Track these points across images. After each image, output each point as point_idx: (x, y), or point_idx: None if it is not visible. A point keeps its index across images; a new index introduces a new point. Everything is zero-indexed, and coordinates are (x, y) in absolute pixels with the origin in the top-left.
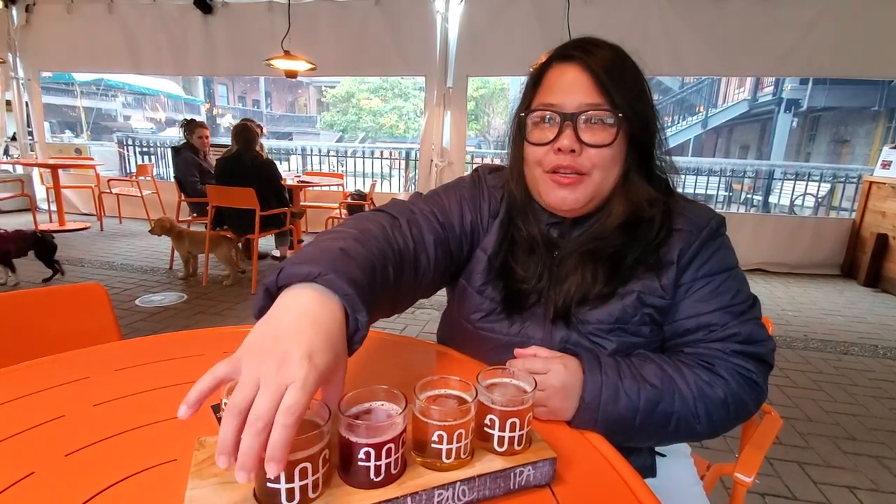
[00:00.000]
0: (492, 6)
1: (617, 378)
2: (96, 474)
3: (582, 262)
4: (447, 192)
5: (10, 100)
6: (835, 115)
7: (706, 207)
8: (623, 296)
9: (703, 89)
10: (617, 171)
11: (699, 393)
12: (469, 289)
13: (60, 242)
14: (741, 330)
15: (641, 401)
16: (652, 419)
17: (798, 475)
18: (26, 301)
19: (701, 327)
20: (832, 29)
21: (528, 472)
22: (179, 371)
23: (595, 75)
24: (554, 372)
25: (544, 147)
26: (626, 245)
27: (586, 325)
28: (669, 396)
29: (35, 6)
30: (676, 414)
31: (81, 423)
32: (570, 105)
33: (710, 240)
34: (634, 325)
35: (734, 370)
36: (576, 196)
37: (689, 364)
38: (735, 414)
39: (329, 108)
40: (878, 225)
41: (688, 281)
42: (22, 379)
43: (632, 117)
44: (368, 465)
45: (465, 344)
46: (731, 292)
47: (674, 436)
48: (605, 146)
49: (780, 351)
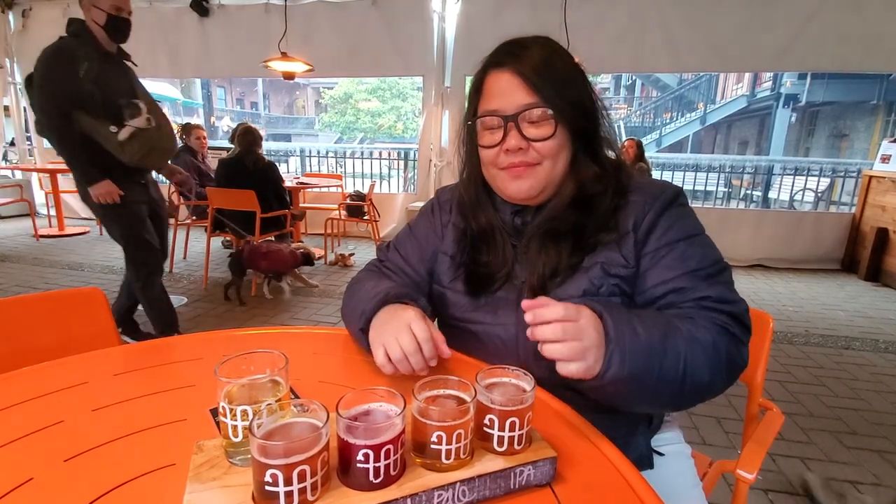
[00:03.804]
0: (489, 5)
1: (631, 318)
2: (95, 479)
3: (544, 241)
4: (404, 240)
5: (9, 105)
6: (833, 109)
7: (664, 182)
8: (588, 269)
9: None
10: (564, 157)
11: (691, 336)
12: (441, 290)
13: (60, 247)
14: (711, 293)
15: (655, 336)
16: (666, 360)
17: (800, 470)
18: (25, 307)
19: (670, 292)
20: (830, 23)
21: (528, 472)
22: (178, 375)
23: (525, 77)
24: (587, 320)
25: (494, 149)
26: (581, 219)
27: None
28: (672, 335)
29: (31, 11)
30: (683, 355)
31: (80, 428)
32: (510, 108)
33: (667, 209)
34: (603, 296)
35: (713, 322)
36: (529, 184)
37: (673, 315)
38: (727, 363)
39: (327, 109)
40: (878, 219)
41: (651, 250)
42: (21, 384)
43: (566, 108)
44: (367, 466)
45: (456, 343)
46: (697, 257)
47: (687, 385)
48: (549, 138)
49: (781, 346)
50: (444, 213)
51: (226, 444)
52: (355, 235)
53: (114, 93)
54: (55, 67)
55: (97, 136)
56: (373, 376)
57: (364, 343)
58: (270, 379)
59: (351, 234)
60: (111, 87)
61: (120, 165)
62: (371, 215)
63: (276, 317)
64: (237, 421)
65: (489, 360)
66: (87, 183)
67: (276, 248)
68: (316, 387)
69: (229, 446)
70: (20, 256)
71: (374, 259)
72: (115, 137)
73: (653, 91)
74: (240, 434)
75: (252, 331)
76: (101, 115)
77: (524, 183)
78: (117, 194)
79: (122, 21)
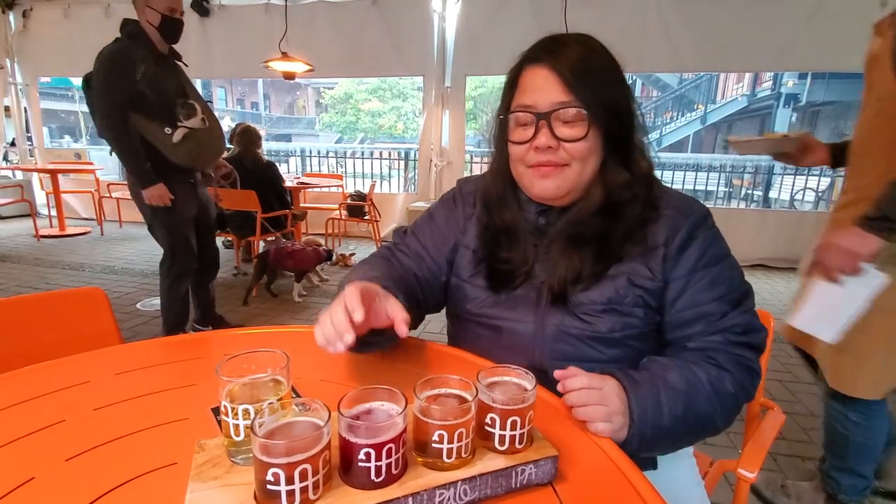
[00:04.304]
0: (489, 5)
1: (655, 391)
2: (97, 478)
3: (567, 246)
4: (423, 225)
5: (9, 105)
6: (834, 108)
7: (692, 198)
8: (614, 277)
9: (701, 85)
10: (594, 160)
11: (713, 390)
12: (460, 283)
13: (61, 248)
14: (740, 321)
15: (679, 408)
16: (687, 424)
17: (801, 470)
18: (26, 307)
19: (701, 317)
20: (831, 23)
21: (529, 471)
22: (180, 374)
23: (561, 75)
24: (610, 387)
25: (525, 145)
26: (608, 226)
27: (579, 305)
28: (695, 400)
29: (32, 11)
30: (703, 414)
31: (82, 427)
32: (543, 105)
33: (699, 229)
34: (627, 307)
35: (736, 361)
36: (557, 184)
37: (696, 362)
38: (742, 401)
39: (328, 109)
40: None
41: (684, 273)
42: (22, 384)
43: (600, 110)
44: (369, 465)
45: (466, 336)
46: (727, 282)
47: (701, 435)
48: (580, 140)
49: (782, 346)
50: (466, 206)
51: (227, 444)
52: (356, 235)
53: (167, 94)
54: (114, 69)
55: (150, 137)
56: (374, 375)
57: None
58: (272, 378)
59: (352, 234)
60: (165, 88)
61: (171, 166)
62: (372, 215)
63: (276, 316)
64: (239, 420)
65: (503, 356)
66: (141, 185)
67: (299, 248)
68: (317, 386)
69: (231, 445)
70: (21, 257)
71: (387, 243)
72: (168, 139)
73: (653, 91)
74: (241, 433)
75: (253, 330)
76: (155, 116)
77: (551, 183)
78: (168, 198)
79: (175, 21)
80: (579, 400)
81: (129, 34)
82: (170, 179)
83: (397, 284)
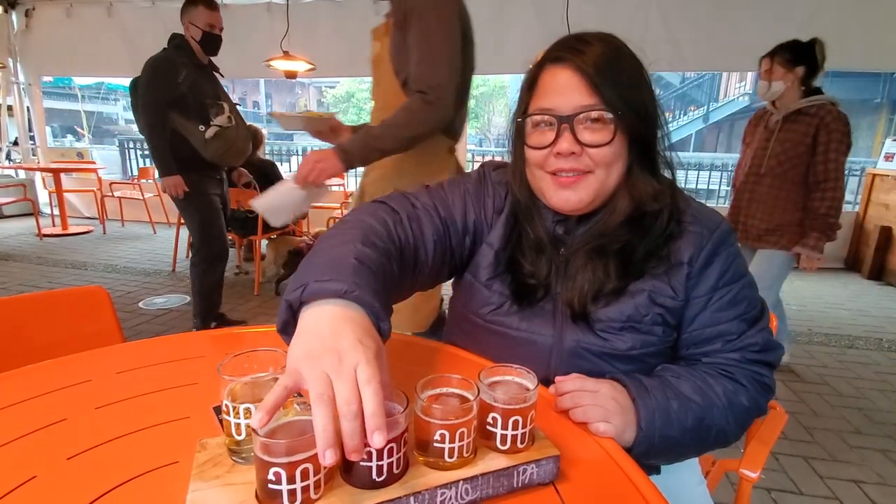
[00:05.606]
0: (490, 3)
1: (666, 401)
2: (98, 478)
3: (590, 258)
4: (451, 186)
5: (12, 104)
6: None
7: (714, 212)
8: (634, 294)
9: (703, 84)
10: (620, 166)
11: (728, 403)
12: (476, 284)
13: (63, 246)
14: (758, 340)
15: (690, 420)
16: (697, 435)
17: (804, 470)
18: (29, 305)
19: (719, 336)
20: (833, 21)
21: (531, 470)
22: (181, 373)
23: (587, 76)
24: (606, 390)
25: (544, 150)
26: (633, 240)
27: (598, 322)
28: (709, 411)
29: (35, 11)
30: (716, 427)
31: (83, 426)
32: (566, 108)
33: (722, 246)
34: (647, 325)
35: (752, 377)
36: (579, 196)
37: (712, 374)
38: (755, 416)
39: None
40: (882, 217)
41: (705, 292)
42: (24, 382)
43: (628, 113)
44: (370, 464)
45: (473, 339)
46: (746, 300)
47: (711, 446)
48: (605, 145)
49: (785, 345)
50: (497, 198)
51: (229, 443)
52: None
53: (204, 97)
54: (159, 74)
55: (186, 133)
56: None
57: (283, 319)
58: (273, 377)
59: None
60: (202, 92)
61: (202, 160)
62: None
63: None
64: (240, 419)
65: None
66: (161, 173)
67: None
68: None
69: (232, 444)
70: (24, 255)
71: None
72: (201, 135)
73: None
74: (243, 432)
75: (255, 329)
76: (193, 115)
77: (573, 195)
78: (182, 189)
79: (214, 37)
80: (571, 402)
81: (176, 45)
82: (201, 173)
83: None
